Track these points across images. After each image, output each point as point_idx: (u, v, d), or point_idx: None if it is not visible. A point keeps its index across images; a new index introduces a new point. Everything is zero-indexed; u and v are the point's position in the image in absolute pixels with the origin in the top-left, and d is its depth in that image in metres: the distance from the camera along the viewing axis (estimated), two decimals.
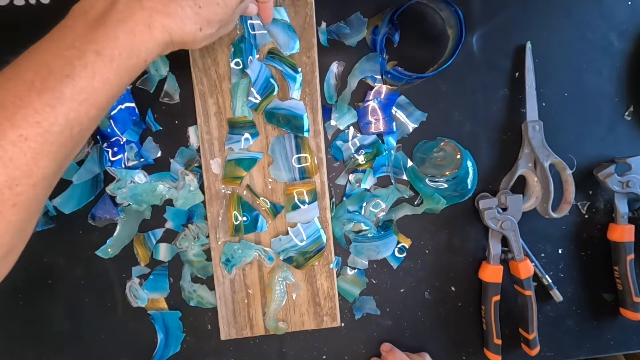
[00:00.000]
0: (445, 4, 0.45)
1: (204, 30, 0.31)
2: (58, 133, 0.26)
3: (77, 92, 0.26)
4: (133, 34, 0.28)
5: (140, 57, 0.29)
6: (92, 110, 0.27)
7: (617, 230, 0.51)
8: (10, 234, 0.27)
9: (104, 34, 0.27)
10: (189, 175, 0.47)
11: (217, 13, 0.31)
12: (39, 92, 0.25)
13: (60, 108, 0.26)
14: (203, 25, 0.31)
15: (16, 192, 0.26)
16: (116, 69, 0.27)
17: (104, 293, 0.49)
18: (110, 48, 0.27)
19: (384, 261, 0.51)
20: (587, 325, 0.53)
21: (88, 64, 0.26)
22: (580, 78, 0.52)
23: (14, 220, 0.26)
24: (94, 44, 0.27)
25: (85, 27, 0.27)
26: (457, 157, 0.50)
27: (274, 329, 0.48)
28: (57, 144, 0.26)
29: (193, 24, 0.30)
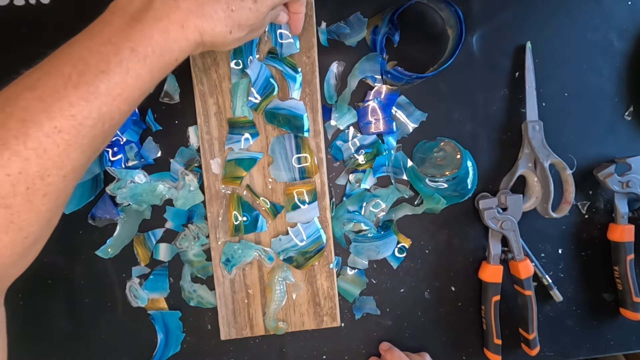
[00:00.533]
0: (445, 4, 0.45)
1: (234, 33, 0.32)
2: (91, 126, 0.27)
3: (111, 87, 0.27)
4: (167, 32, 0.29)
5: (172, 55, 0.30)
6: (123, 105, 0.28)
7: (617, 230, 0.51)
8: (40, 223, 0.27)
9: (140, 31, 0.28)
10: (189, 175, 0.47)
11: (248, 18, 0.32)
12: (75, 86, 0.26)
13: (94, 102, 0.26)
14: (234, 28, 0.32)
15: (47, 183, 0.26)
16: (149, 65, 0.28)
17: (104, 293, 0.49)
18: (145, 46, 0.28)
19: (384, 261, 0.51)
20: (587, 325, 0.53)
21: (123, 60, 0.27)
22: (580, 78, 0.52)
23: (44, 210, 0.27)
24: (129, 40, 0.28)
25: (122, 24, 0.28)
26: (457, 157, 0.50)
27: (274, 329, 0.48)
28: (89, 137, 0.27)
29: (224, 27, 0.31)
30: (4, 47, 0.47)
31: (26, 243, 0.27)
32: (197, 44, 0.31)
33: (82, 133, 0.27)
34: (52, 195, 0.27)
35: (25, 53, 0.47)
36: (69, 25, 0.47)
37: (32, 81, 0.27)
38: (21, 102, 0.26)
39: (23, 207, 0.26)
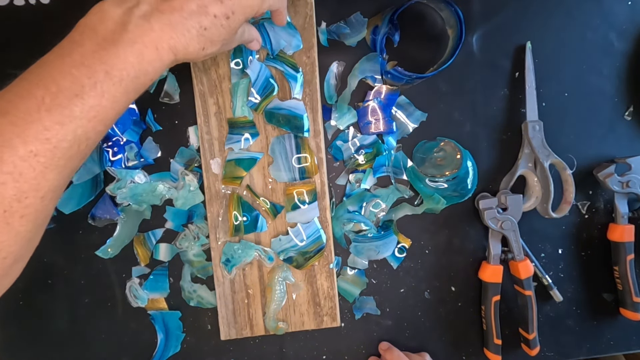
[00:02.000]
0: (445, 4, 0.45)
1: (206, 49, 0.32)
2: (67, 148, 0.27)
3: (86, 110, 0.27)
4: (142, 55, 0.29)
5: (147, 77, 0.30)
6: (99, 126, 0.28)
7: (617, 230, 0.51)
8: (19, 244, 0.28)
9: (115, 54, 0.28)
10: (189, 175, 0.47)
11: (220, 34, 0.32)
12: (48, 110, 0.26)
13: (69, 125, 0.26)
14: (206, 45, 0.32)
15: (25, 205, 0.26)
16: (124, 87, 0.28)
17: (104, 293, 0.49)
18: (120, 69, 0.28)
19: (384, 261, 0.51)
20: (587, 325, 0.53)
21: (97, 83, 0.27)
22: (580, 78, 0.52)
23: (23, 231, 0.27)
24: (103, 63, 0.27)
25: (94, 45, 0.28)
26: (457, 157, 0.50)
27: (274, 329, 0.48)
28: (65, 159, 0.27)
29: (197, 44, 0.31)
30: (4, 47, 0.47)
31: (5, 264, 0.28)
32: (170, 62, 0.31)
33: (57, 155, 0.27)
34: (30, 217, 0.27)
35: (25, 53, 0.47)
36: (69, 25, 0.47)
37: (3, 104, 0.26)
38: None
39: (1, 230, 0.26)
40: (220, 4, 0.31)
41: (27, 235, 0.28)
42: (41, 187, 0.27)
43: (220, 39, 0.33)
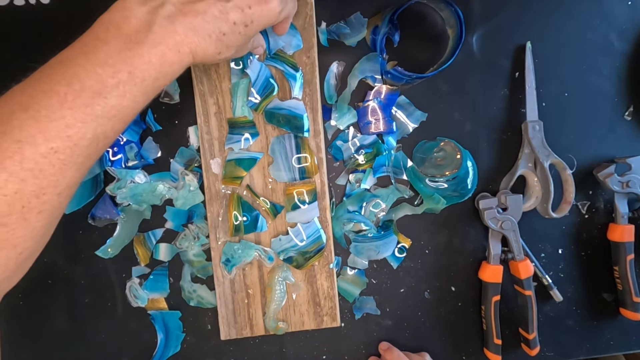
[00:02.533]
0: (445, 4, 0.45)
1: (222, 54, 0.33)
2: (86, 146, 0.27)
3: (107, 109, 0.27)
4: (165, 58, 0.29)
5: (166, 78, 0.30)
6: (118, 125, 0.29)
7: (617, 230, 0.51)
8: (34, 239, 0.28)
9: (139, 55, 0.28)
10: (189, 175, 0.47)
11: (237, 40, 0.33)
12: (71, 107, 0.26)
13: (90, 124, 0.27)
14: (223, 50, 0.32)
15: (43, 201, 0.27)
16: (145, 88, 0.29)
17: (104, 293, 0.49)
18: (143, 70, 0.28)
19: (384, 261, 0.51)
20: (587, 325, 0.53)
21: (120, 83, 0.27)
22: (580, 78, 0.52)
23: (39, 227, 0.28)
24: (127, 64, 0.28)
25: (119, 44, 0.28)
26: (457, 157, 0.50)
27: (274, 329, 0.48)
28: (84, 156, 0.28)
29: (215, 49, 0.32)
30: (4, 47, 0.47)
31: (20, 259, 0.28)
32: (188, 64, 0.31)
33: (77, 152, 0.27)
34: (46, 213, 0.27)
35: (25, 53, 0.47)
36: (69, 25, 0.47)
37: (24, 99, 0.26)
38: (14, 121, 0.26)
39: (18, 225, 0.26)
40: (240, 12, 0.31)
41: (41, 231, 0.28)
42: (59, 184, 0.27)
43: (236, 44, 0.33)
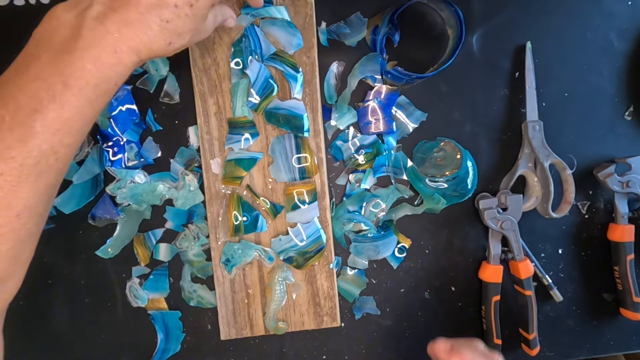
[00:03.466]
0: (445, 4, 0.45)
1: (174, 43, 0.30)
2: (33, 165, 0.26)
3: (47, 124, 0.26)
4: (100, 61, 0.27)
5: (110, 82, 0.28)
6: (66, 139, 0.27)
7: (617, 230, 0.51)
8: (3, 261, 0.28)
9: (70, 63, 0.26)
10: (189, 175, 0.47)
11: (185, 24, 0.30)
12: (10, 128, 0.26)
13: (32, 141, 0.26)
14: (173, 38, 0.30)
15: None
16: (86, 97, 0.27)
17: (104, 293, 0.49)
18: (77, 78, 0.27)
19: (384, 261, 0.51)
20: (587, 325, 0.53)
21: (56, 96, 0.26)
22: (580, 78, 0.52)
23: (4, 250, 0.27)
24: (60, 75, 0.26)
25: (50, 56, 0.27)
26: (457, 157, 0.50)
27: (274, 329, 0.48)
28: (35, 175, 0.27)
29: (162, 40, 0.29)
30: (4, 47, 0.47)
31: None
32: (135, 63, 0.29)
33: (25, 172, 0.26)
34: (8, 235, 0.27)
35: None
36: None
37: None
38: None
39: None
40: None
41: (9, 253, 0.28)
42: (13, 205, 0.26)
43: (187, 29, 0.30)
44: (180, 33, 0.30)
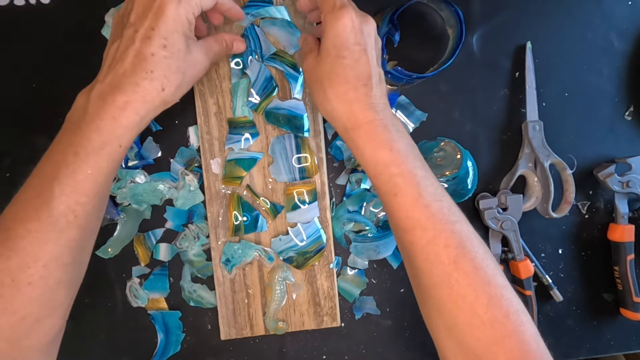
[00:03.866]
0: (445, 4, 0.45)
1: (167, 88, 0.34)
2: (53, 223, 0.31)
3: (62, 188, 0.31)
4: (101, 129, 0.32)
5: (113, 145, 0.33)
6: (81, 198, 0.32)
7: (617, 230, 0.51)
8: (34, 305, 0.32)
9: (79, 135, 0.32)
10: (189, 175, 0.47)
11: (169, 65, 0.34)
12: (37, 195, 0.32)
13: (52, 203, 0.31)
14: (163, 83, 0.34)
15: (28, 274, 0.31)
16: (93, 161, 0.32)
17: (104, 293, 0.49)
18: (84, 146, 0.32)
19: (384, 261, 0.51)
20: (587, 325, 0.53)
21: (69, 164, 0.32)
22: (580, 78, 0.52)
23: (35, 295, 0.31)
24: (71, 146, 0.32)
25: (68, 133, 0.33)
26: (457, 157, 0.50)
27: (274, 329, 0.48)
28: (56, 231, 0.31)
29: (153, 90, 0.33)
30: (4, 47, 0.47)
31: (26, 323, 0.32)
32: (136, 123, 0.33)
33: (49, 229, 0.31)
34: (37, 283, 0.31)
35: (25, 53, 0.47)
36: (69, 25, 0.47)
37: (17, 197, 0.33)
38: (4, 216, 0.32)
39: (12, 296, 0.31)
40: (148, 39, 0.33)
41: (41, 298, 0.32)
42: (40, 257, 0.31)
43: (173, 69, 0.34)
44: (167, 75, 0.34)
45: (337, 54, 0.36)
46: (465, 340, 0.33)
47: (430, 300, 0.35)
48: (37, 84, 0.47)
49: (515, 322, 0.32)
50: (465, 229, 0.35)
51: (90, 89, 0.33)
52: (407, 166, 0.35)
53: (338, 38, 0.35)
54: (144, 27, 0.33)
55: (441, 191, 0.36)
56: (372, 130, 0.35)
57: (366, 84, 0.36)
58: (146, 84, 0.33)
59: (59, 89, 0.47)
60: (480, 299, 0.32)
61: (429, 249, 0.34)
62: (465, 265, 0.33)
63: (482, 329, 0.32)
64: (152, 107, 0.34)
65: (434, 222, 0.34)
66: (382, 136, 0.35)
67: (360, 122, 0.36)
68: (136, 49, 0.33)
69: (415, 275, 0.36)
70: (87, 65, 0.47)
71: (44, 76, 0.47)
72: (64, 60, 0.47)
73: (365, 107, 0.36)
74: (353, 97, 0.36)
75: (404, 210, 0.35)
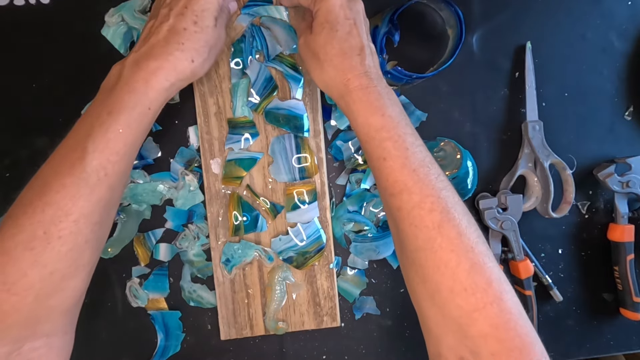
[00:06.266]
0: (445, 4, 0.45)
1: (195, 60, 0.37)
2: (86, 179, 0.33)
3: (95, 145, 0.33)
4: (134, 91, 0.35)
5: (143, 106, 0.35)
6: (112, 157, 0.34)
7: (617, 230, 0.51)
8: (62, 261, 0.33)
9: (113, 97, 0.35)
10: (189, 175, 0.47)
11: (199, 39, 0.37)
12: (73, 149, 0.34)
13: (86, 159, 0.33)
14: (193, 55, 0.37)
15: (60, 228, 0.32)
16: (124, 121, 0.34)
17: (104, 293, 0.49)
18: (117, 106, 0.34)
19: (384, 261, 0.51)
20: (587, 325, 0.53)
21: (102, 122, 0.34)
22: (580, 78, 0.52)
23: (64, 250, 0.33)
24: (105, 107, 0.34)
25: (102, 97, 0.36)
26: (457, 157, 0.50)
27: (274, 329, 0.48)
28: (89, 187, 0.33)
29: (184, 60, 0.36)
30: (4, 47, 0.47)
31: (54, 278, 0.33)
32: (165, 89, 0.36)
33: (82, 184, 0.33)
34: (67, 237, 0.32)
35: (25, 53, 0.47)
36: (69, 25, 0.47)
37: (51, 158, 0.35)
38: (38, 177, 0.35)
39: (43, 249, 0.32)
40: (182, 15, 0.37)
41: (69, 255, 0.33)
42: (71, 212, 0.32)
43: (202, 44, 0.37)
44: (197, 48, 0.37)
45: (331, 27, 0.38)
46: (447, 307, 0.33)
47: (414, 266, 0.36)
48: (37, 84, 0.47)
49: (497, 289, 0.33)
50: (452, 196, 0.35)
51: (125, 60, 0.36)
52: (398, 131, 0.36)
53: (330, 14, 0.38)
54: (179, 5, 0.37)
55: (430, 159, 0.37)
56: (365, 96, 0.37)
57: (359, 54, 0.38)
58: (178, 54, 0.36)
59: (59, 89, 0.47)
60: (462, 264, 0.33)
61: (414, 212, 0.35)
62: (449, 230, 0.34)
63: (464, 296, 0.32)
64: (182, 77, 0.37)
65: (420, 186, 0.35)
66: (376, 102, 0.37)
67: (355, 87, 0.37)
68: (170, 24, 0.36)
69: (401, 240, 0.37)
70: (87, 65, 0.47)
71: (44, 76, 0.47)
72: (64, 60, 0.47)
73: (359, 74, 0.38)
74: (348, 65, 0.38)
75: (392, 174, 0.36)
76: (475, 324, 0.32)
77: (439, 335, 0.34)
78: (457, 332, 0.33)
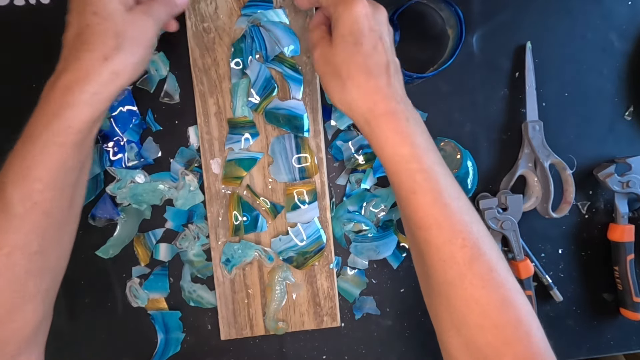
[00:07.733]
0: (445, 4, 0.45)
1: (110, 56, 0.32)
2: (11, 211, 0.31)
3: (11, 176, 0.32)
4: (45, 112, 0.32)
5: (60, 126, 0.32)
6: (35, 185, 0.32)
7: (617, 230, 0.51)
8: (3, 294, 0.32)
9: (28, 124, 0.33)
10: (189, 175, 0.47)
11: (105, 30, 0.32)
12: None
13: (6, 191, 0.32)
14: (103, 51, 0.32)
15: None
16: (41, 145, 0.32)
17: (104, 293, 0.49)
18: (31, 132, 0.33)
19: (384, 261, 0.51)
20: (587, 325, 0.53)
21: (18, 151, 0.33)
22: (580, 78, 0.52)
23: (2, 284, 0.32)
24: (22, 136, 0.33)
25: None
26: (457, 157, 0.50)
27: (274, 329, 0.48)
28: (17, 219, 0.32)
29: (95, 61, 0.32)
30: (4, 47, 0.47)
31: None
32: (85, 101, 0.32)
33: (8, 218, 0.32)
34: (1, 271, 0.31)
35: (25, 53, 0.47)
36: None
37: None
38: None
39: None
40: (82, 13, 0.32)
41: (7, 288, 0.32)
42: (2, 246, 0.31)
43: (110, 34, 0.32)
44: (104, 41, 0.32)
45: (355, 41, 0.34)
46: (475, 341, 0.33)
47: (440, 297, 0.35)
48: (37, 84, 0.47)
49: (527, 325, 0.32)
50: (482, 229, 0.34)
51: None
52: (428, 161, 0.34)
53: (355, 25, 0.34)
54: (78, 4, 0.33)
55: (458, 188, 0.35)
56: (393, 122, 0.34)
57: (386, 72, 0.35)
58: (86, 55, 0.32)
59: None
60: (493, 302, 0.32)
61: (444, 248, 0.34)
62: (480, 267, 0.33)
63: (494, 332, 0.32)
64: (102, 81, 0.32)
65: (451, 222, 0.33)
66: (404, 129, 0.34)
67: (382, 112, 0.34)
68: (74, 27, 0.33)
69: (426, 272, 0.36)
70: None
71: (44, 76, 0.47)
72: None
73: (386, 96, 0.34)
74: (373, 86, 0.34)
75: (422, 208, 0.34)
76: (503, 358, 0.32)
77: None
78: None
